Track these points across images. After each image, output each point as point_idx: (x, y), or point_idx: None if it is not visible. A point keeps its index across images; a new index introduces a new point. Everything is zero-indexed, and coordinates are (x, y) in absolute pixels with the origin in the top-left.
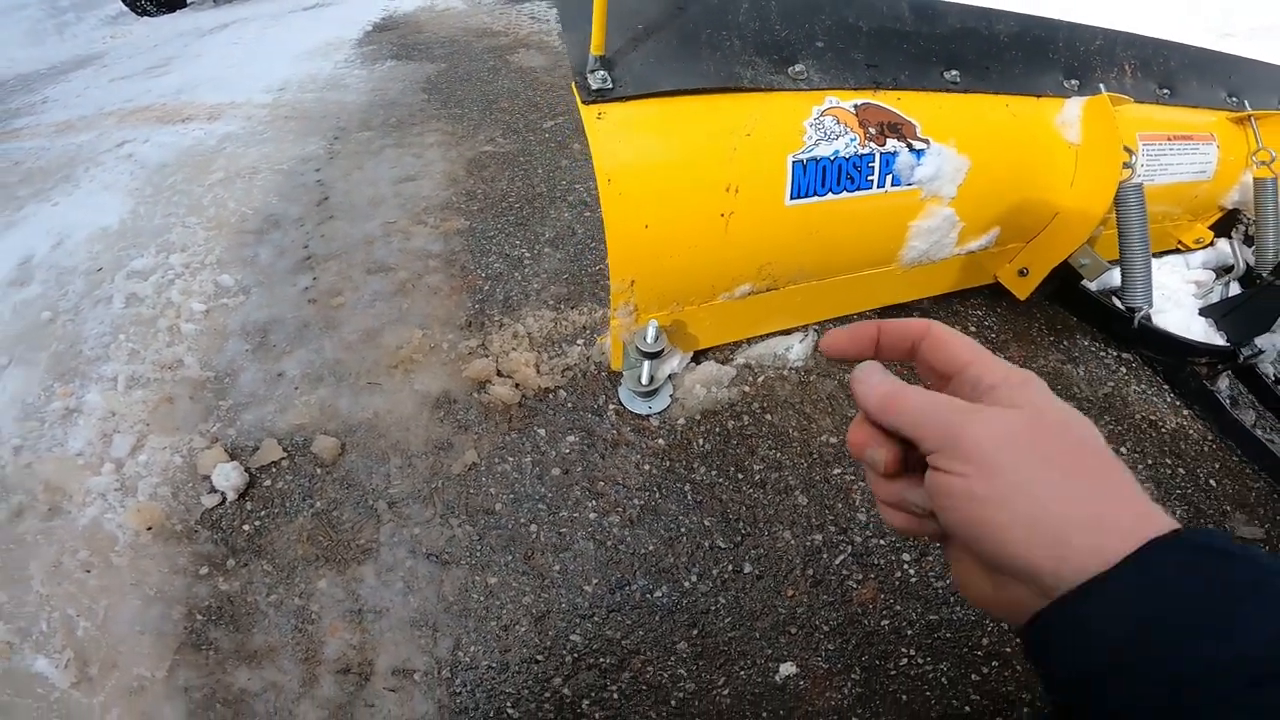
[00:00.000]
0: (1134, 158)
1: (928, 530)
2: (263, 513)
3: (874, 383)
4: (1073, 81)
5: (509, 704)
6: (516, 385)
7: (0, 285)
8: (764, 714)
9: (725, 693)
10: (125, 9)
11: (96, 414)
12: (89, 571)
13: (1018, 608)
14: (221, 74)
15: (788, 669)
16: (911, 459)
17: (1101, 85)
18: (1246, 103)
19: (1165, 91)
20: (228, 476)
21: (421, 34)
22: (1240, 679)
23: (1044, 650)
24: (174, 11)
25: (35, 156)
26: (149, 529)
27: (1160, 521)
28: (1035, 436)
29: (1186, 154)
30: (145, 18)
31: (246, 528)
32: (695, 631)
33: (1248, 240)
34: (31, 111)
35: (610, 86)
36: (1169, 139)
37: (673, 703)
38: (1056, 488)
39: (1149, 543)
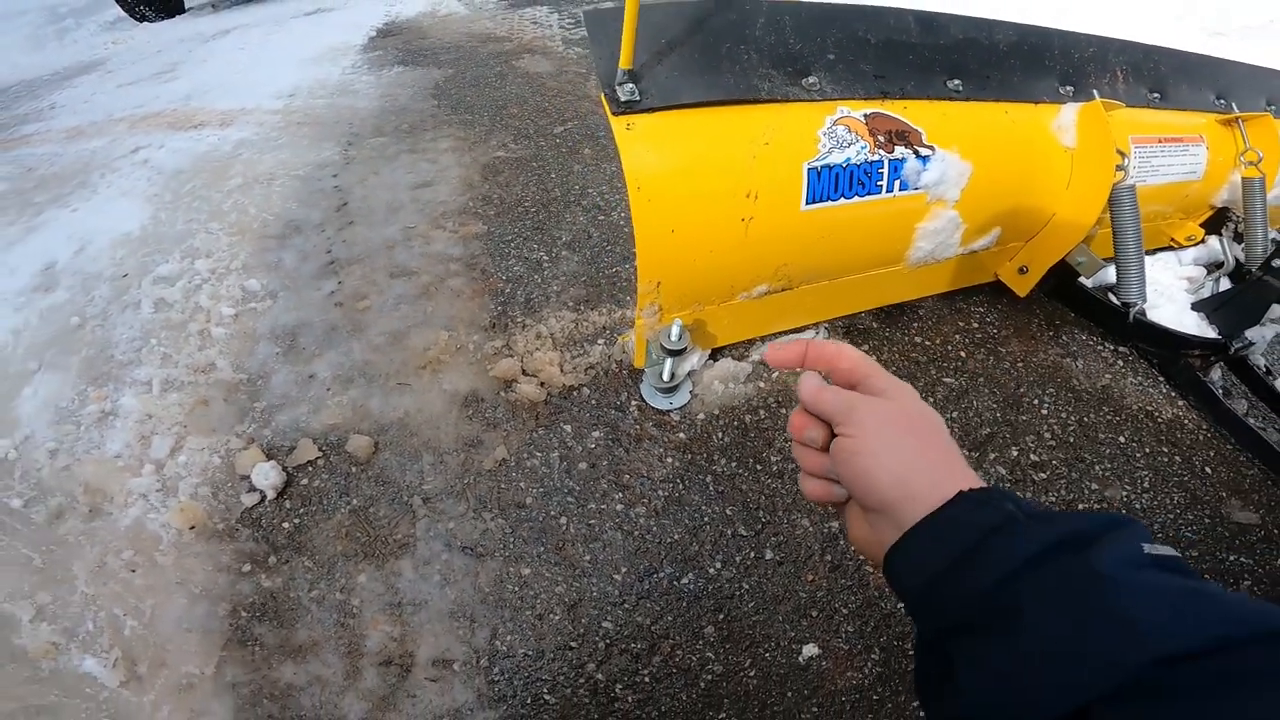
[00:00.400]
0: (1126, 160)
1: (835, 496)
2: (301, 510)
3: (811, 384)
4: (1068, 88)
5: (545, 690)
6: (542, 384)
7: (25, 291)
8: (789, 694)
9: (752, 674)
10: (123, 15)
11: (133, 417)
12: (134, 571)
13: (884, 544)
14: (229, 80)
15: (810, 650)
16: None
17: (1095, 91)
18: (1234, 105)
19: (1156, 95)
20: (266, 475)
21: (426, 39)
22: (979, 600)
23: (893, 574)
24: (173, 17)
25: (48, 162)
26: (192, 528)
27: (970, 481)
28: (899, 418)
29: (1177, 155)
30: (145, 23)
31: (286, 525)
32: (721, 616)
33: (1237, 237)
34: (40, 117)
35: (638, 99)
36: (1160, 141)
37: (702, 685)
38: (909, 451)
39: (956, 495)
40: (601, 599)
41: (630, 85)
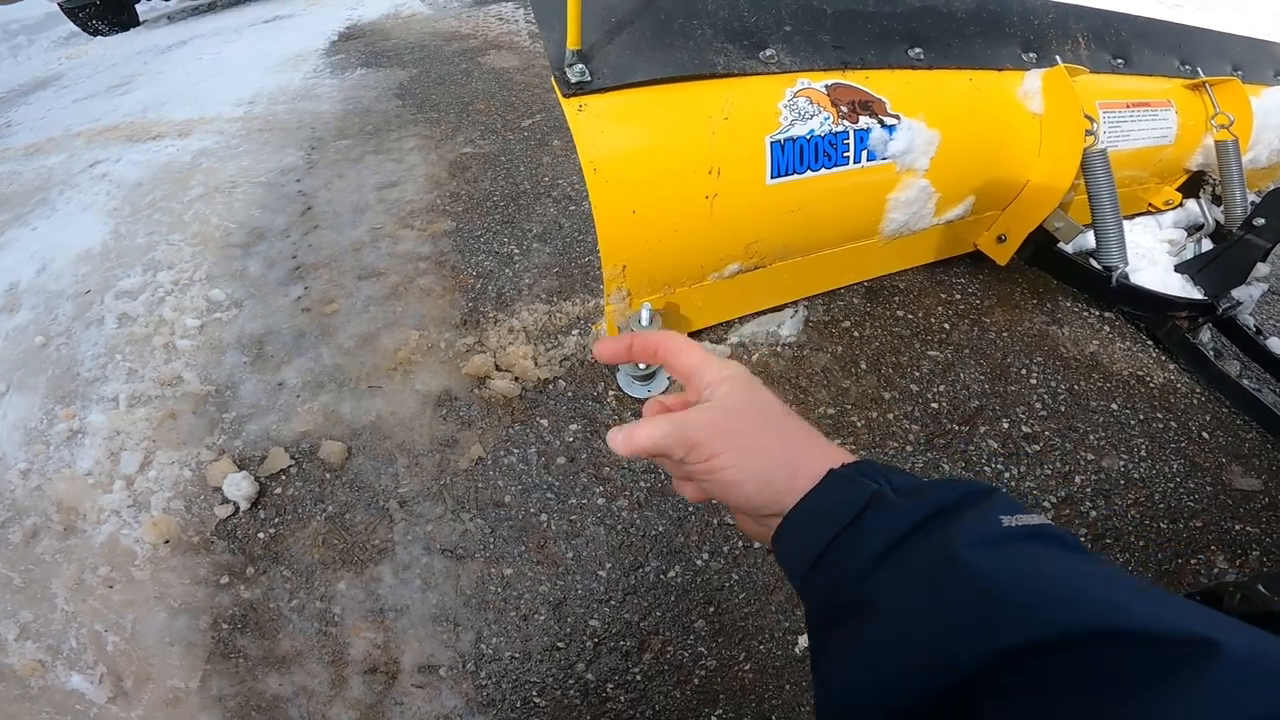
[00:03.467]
0: (1095, 125)
1: (711, 495)
2: (276, 520)
3: (617, 440)
4: (1030, 54)
5: (535, 693)
6: (516, 378)
7: None
8: (787, 686)
9: (746, 668)
10: (76, 30)
11: (101, 433)
12: (112, 587)
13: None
14: (187, 90)
15: (806, 641)
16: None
17: (1058, 57)
18: (1199, 70)
19: (1120, 61)
20: (239, 486)
21: (389, 41)
22: (848, 578)
23: (782, 561)
24: (127, 30)
25: (7, 181)
26: (166, 542)
27: (835, 457)
28: (728, 419)
29: (1146, 120)
30: (98, 37)
31: (262, 535)
32: (712, 609)
33: (1215, 200)
34: None
35: (589, 79)
36: (1128, 106)
37: (695, 681)
38: (755, 449)
39: (826, 476)
40: (587, 596)
41: (580, 66)
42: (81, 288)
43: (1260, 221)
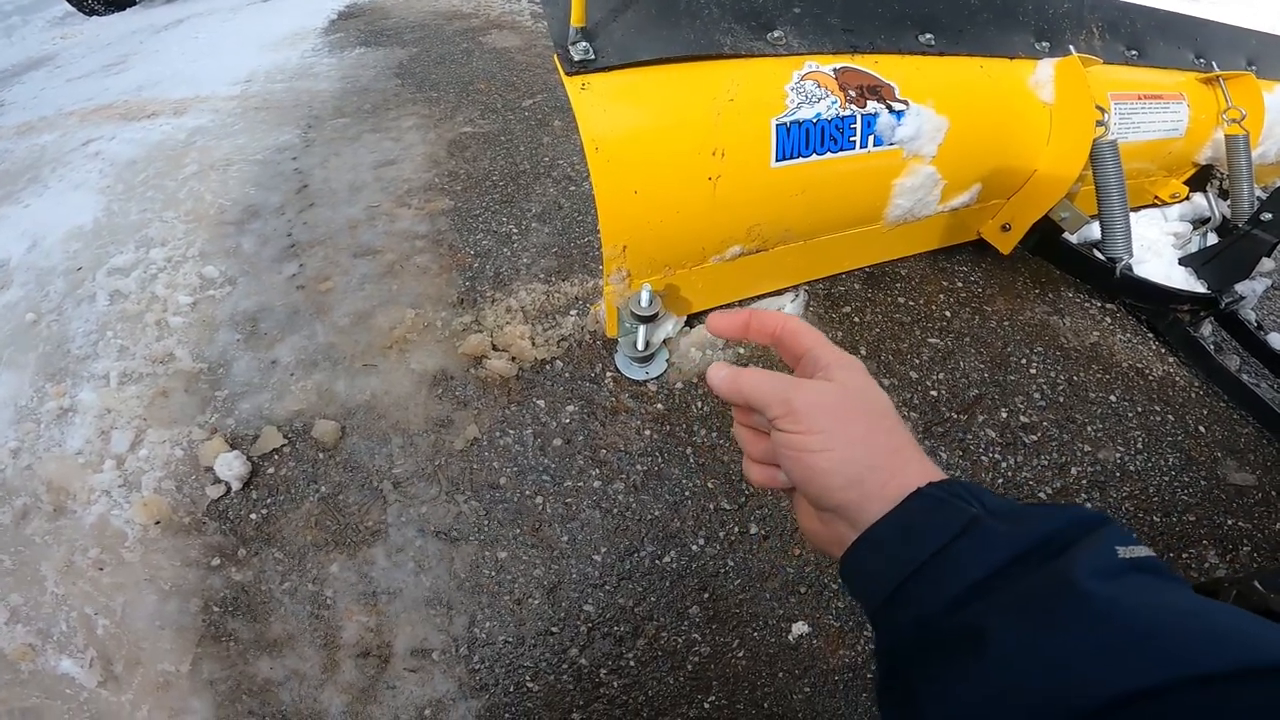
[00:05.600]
0: (1106, 116)
1: (780, 483)
2: (269, 500)
3: (720, 374)
4: (1043, 43)
5: (528, 677)
6: (512, 358)
7: None
8: (780, 674)
9: (740, 655)
10: (72, 9)
11: (92, 412)
12: (102, 569)
13: (840, 542)
14: (183, 69)
15: (800, 628)
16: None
17: (1071, 47)
18: (1214, 64)
19: (1133, 53)
20: (230, 466)
21: (389, 19)
22: (943, 605)
23: (849, 580)
24: (123, 10)
25: None
26: (157, 523)
27: (927, 472)
28: (844, 403)
29: (1158, 112)
30: (94, 17)
31: (254, 516)
32: (706, 595)
33: (1222, 194)
34: None
35: (593, 57)
36: (1140, 98)
37: (689, 667)
38: (858, 444)
39: (913, 493)
40: (582, 581)
41: (584, 44)
42: (73, 265)
43: (1267, 216)
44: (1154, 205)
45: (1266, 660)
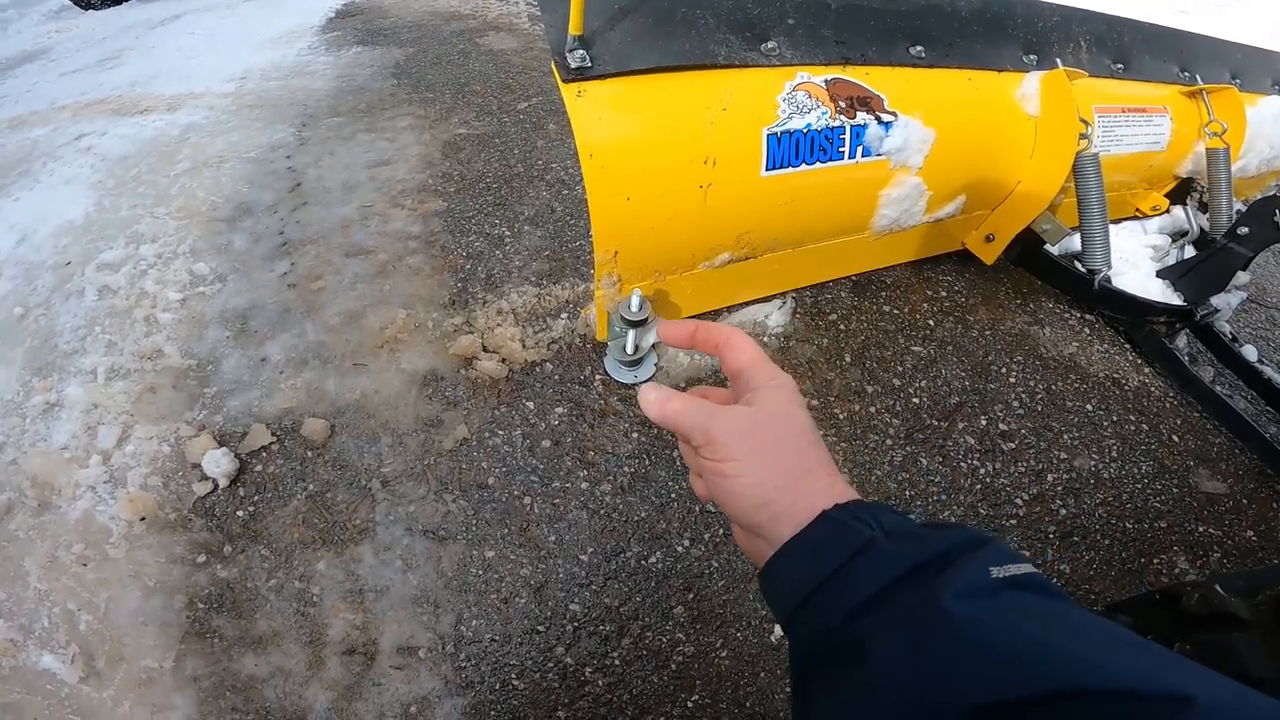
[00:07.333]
0: (1090, 129)
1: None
2: (256, 498)
3: (650, 399)
4: (1031, 56)
5: (514, 675)
6: (503, 360)
7: None
8: (762, 674)
9: (724, 654)
10: (68, 3)
11: (79, 407)
12: (85, 565)
13: (762, 556)
14: (178, 65)
15: (782, 630)
16: None
17: (1058, 60)
18: (1198, 77)
19: (1119, 66)
20: (218, 463)
21: (387, 19)
22: (841, 618)
23: (767, 590)
24: (120, 4)
25: None
26: (142, 519)
27: (838, 492)
28: (756, 429)
29: (1140, 126)
30: (90, 11)
31: (241, 513)
32: (691, 595)
33: (1201, 207)
34: None
35: (589, 65)
36: (1124, 111)
37: (673, 666)
38: (767, 467)
39: (818, 516)
40: (568, 580)
41: (581, 51)
42: (62, 259)
43: (1244, 230)
44: (1135, 218)
45: (1097, 682)
